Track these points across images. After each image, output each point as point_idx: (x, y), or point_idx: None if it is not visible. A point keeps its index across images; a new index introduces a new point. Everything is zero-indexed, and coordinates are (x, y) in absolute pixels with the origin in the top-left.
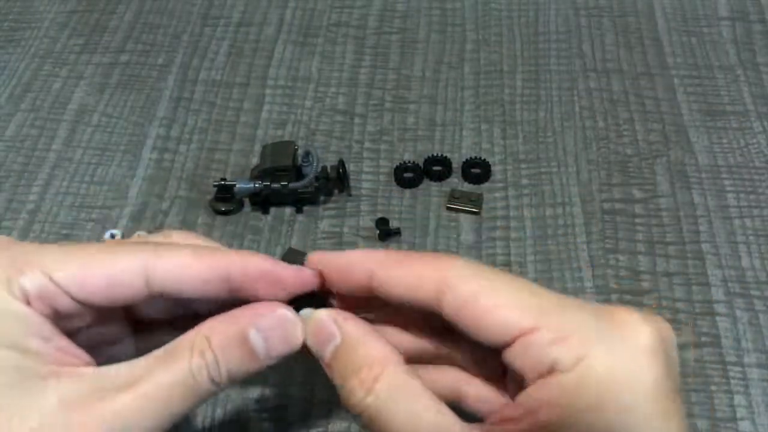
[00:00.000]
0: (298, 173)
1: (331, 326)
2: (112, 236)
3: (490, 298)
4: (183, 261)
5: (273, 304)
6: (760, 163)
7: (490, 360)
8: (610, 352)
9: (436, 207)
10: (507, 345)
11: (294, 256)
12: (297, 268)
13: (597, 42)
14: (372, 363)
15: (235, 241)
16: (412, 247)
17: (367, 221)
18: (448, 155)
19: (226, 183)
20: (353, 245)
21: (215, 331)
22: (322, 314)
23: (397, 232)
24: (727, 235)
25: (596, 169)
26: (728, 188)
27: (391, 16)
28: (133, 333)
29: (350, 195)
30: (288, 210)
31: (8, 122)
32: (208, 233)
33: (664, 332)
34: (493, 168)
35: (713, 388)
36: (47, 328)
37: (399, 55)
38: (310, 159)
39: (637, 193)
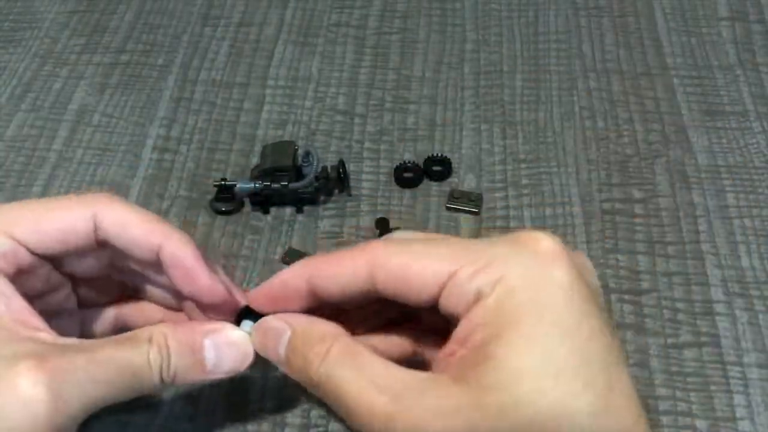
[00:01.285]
0: (298, 173)
1: (280, 323)
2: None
3: (414, 262)
4: (128, 217)
5: (228, 325)
6: (760, 163)
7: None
8: (522, 265)
9: (436, 207)
10: (440, 293)
11: (294, 256)
12: (212, 282)
13: (597, 42)
14: (323, 338)
15: (235, 241)
16: None
17: (367, 221)
18: (448, 155)
19: (227, 183)
20: (353, 245)
21: (173, 332)
22: (268, 318)
23: None
24: (726, 235)
25: (596, 169)
26: (728, 188)
27: (391, 16)
28: (77, 305)
29: (350, 195)
30: (288, 210)
31: (9, 122)
32: (208, 233)
33: (564, 247)
34: (493, 168)
35: (713, 388)
36: (8, 289)
37: (399, 55)
38: (310, 159)
39: (637, 193)
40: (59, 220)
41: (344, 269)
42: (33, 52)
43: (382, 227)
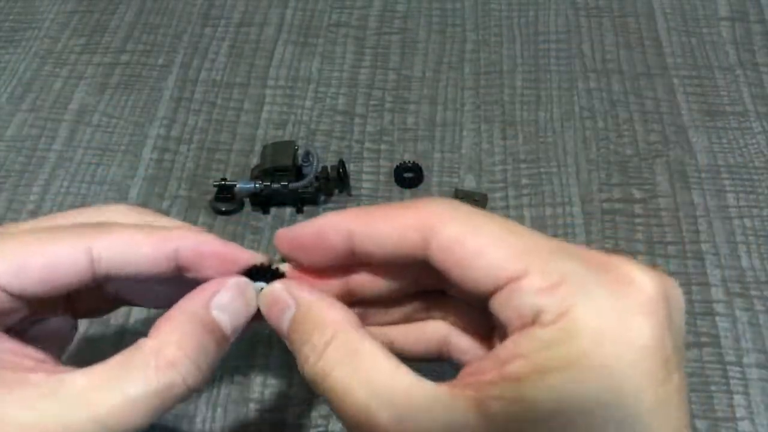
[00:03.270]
0: (298, 173)
1: (285, 296)
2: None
3: (476, 239)
4: (129, 239)
5: (220, 279)
6: (760, 163)
7: (479, 319)
8: (601, 305)
9: None
10: (494, 292)
11: None
12: (251, 252)
13: (597, 42)
14: (324, 327)
15: (235, 241)
16: None
17: None
18: (448, 154)
19: (227, 183)
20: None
21: (180, 333)
22: (276, 286)
23: None
24: (726, 235)
25: (596, 169)
26: (728, 188)
27: (391, 16)
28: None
29: (350, 195)
30: (288, 210)
31: (9, 122)
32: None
33: (669, 288)
34: (493, 168)
35: (713, 388)
36: None
37: (399, 55)
38: (310, 159)
39: (637, 193)
40: (45, 256)
41: (395, 226)
42: (33, 52)
43: None
